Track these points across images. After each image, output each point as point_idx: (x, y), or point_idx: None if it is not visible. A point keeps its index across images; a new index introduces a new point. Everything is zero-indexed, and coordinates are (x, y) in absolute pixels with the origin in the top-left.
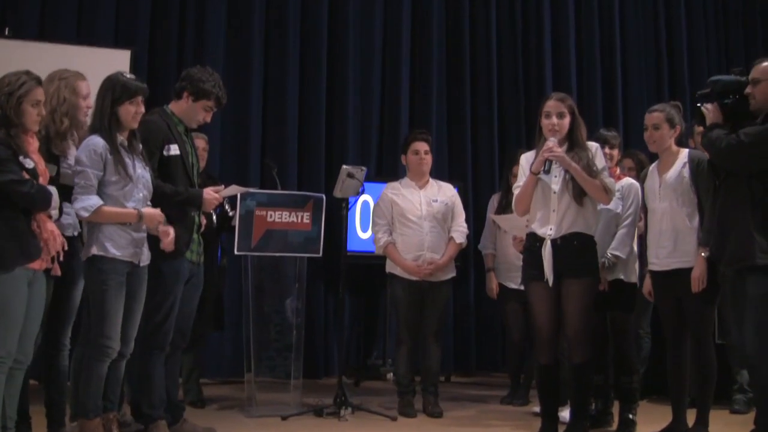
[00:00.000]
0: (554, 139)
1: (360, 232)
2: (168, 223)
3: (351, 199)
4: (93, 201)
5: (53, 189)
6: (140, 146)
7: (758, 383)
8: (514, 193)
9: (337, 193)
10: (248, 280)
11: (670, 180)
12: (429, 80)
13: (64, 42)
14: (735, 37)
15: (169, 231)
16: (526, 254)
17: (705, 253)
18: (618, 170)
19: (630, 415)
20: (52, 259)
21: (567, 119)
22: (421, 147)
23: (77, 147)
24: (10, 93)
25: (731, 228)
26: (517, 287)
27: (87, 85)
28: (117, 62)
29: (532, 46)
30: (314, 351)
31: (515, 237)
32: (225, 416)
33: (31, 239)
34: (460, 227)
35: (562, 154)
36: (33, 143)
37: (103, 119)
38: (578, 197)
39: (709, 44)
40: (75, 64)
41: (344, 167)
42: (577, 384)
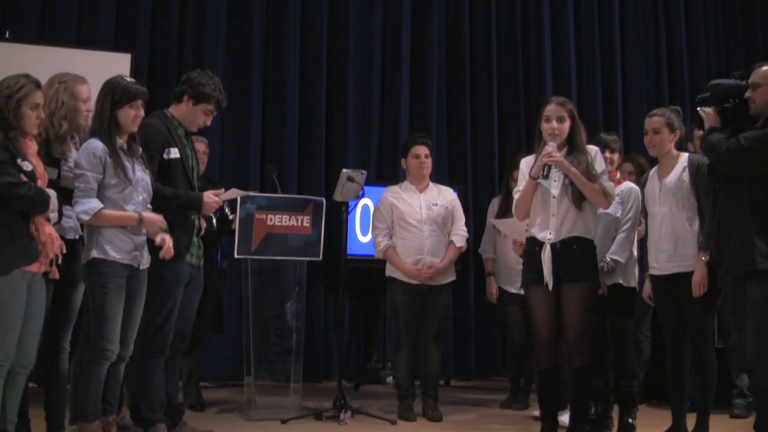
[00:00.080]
0: (553, 144)
1: (360, 236)
2: (168, 227)
3: (351, 203)
4: (93, 204)
5: (52, 192)
6: (140, 149)
7: (758, 387)
8: (515, 198)
9: (337, 197)
10: (248, 284)
11: (670, 184)
12: (429, 80)
13: (65, 45)
14: (735, 38)
15: (165, 240)
16: (526, 258)
17: (705, 258)
18: (618, 174)
19: (630, 420)
20: (51, 262)
21: (567, 123)
22: (422, 151)
23: (78, 150)
24: (9, 96)
25: (731, 232)
26: (517, 292)
27: (87, 89)
28: (117, 65)
29: (532, 47)
30: (314, 354)
31: (515, 241)
32: (224, 419)
33: (29, 242)
34: (460, 231)
35: (561, 159)
36: (32, 146)
37: (103, 122)
38: (577, 201)
39: (709, 45)
40: (75, 67)
41: (344, 171)
42: (577, 388)
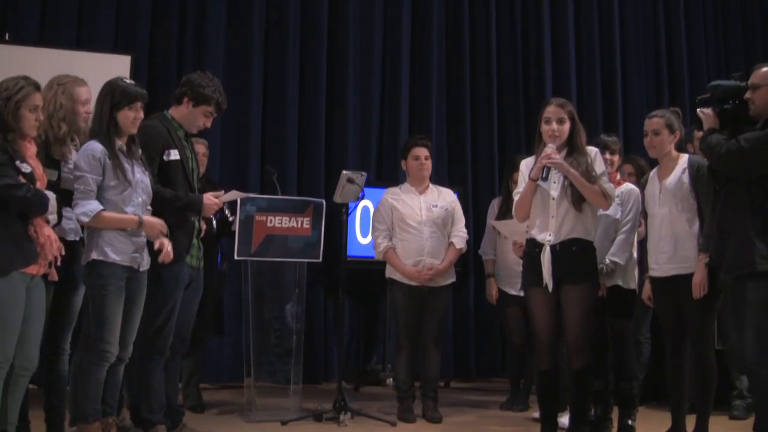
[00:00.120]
0: (552, 146)
1: (360, 238)
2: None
3: (351, 205)
4: (93, 206)
5: (51, 194)
6: (139, 151)
7: (758, 389)
8: (515, 200)
9: (337, 199)
10: (248, 286)
11: (670, 185)
12: (429, 80)
13: (64, 47)
14: (734, 38)
15: (164, 244)
16: (526, 260)
17: (705, 259)
18: (618, 176)
19: (629, 421)
20: (50, 264)
21: (567, 125)
22: (422, 152)
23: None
24: (8, 98)
25: (731, 233)
26: (517, 293)
27: (86, 91)
28: (117, 67)
29: (532, 47)
30: (314, 356)
31: (515, 242)
32: (224, 421)
33: (28, 244)
34: (460, 232)
35: (560, 161)
36: (31, 148)
37: (102, 124)
38: (577, 203)
39: (708, 45)
40: (75, 70)
41: (344, 172)
42: (577, 389)
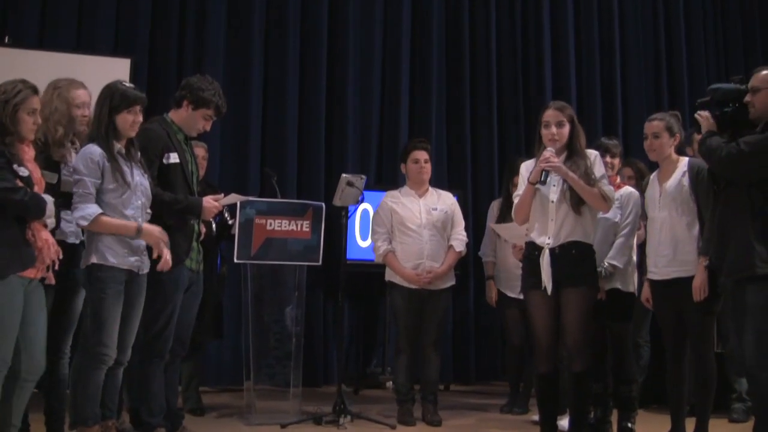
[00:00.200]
0: (551, 150)
1: (359, 241)
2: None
3: (350, 208)
4: (91, 210)
5: (48, 197)
6: (138, 154)
7: (757, 392)
8: (514, 202)
9: (337, 202)
10: (248, 289)
11: (670, 189)
12: (429, 80)
13: (64, 50)
14: (734, 39)
15: (163, 252)
16: (525, 263)
17: (705, 263)
18: (618, 179)
19: (629, 424)
20: (48, 268)
21: (566, 128)
22: (421, 156)
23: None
24: (6, 101)
25: (731, 237)
26: (517, 296)
27: (84, 94)
28: (117, 70)
29: (532, 47)
30: (313, 359)
31: (515, 245)
32: (224, 424)
33: (25, 248)
34: (460, 235)
35: (559, 164)
36: (28, 152)
37: (101, 127)
38: (576, 206)
39: (708, 45)
40: (75, 73)
41: (344, 176)
42: (576, 392)
